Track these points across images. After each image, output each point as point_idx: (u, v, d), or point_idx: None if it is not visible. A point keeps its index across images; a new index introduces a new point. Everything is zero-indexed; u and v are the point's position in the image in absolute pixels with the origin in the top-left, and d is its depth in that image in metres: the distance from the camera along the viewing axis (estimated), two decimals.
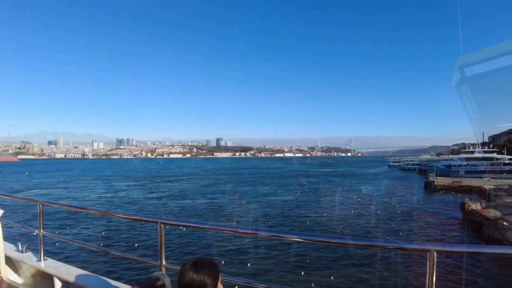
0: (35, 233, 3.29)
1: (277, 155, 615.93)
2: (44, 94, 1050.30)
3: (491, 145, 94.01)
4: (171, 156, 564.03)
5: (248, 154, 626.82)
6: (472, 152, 79.57)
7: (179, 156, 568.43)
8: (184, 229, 22.46)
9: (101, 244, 21.95)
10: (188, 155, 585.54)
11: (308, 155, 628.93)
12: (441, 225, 31.55)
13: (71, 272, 2.90)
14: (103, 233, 25.27)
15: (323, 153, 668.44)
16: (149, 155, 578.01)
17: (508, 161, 68.84)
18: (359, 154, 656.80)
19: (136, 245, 22.23)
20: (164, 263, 2.23)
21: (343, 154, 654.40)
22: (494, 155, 74.32)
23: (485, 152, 78.23)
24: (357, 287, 15.78)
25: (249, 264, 18.16)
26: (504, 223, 24.25)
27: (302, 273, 17.24)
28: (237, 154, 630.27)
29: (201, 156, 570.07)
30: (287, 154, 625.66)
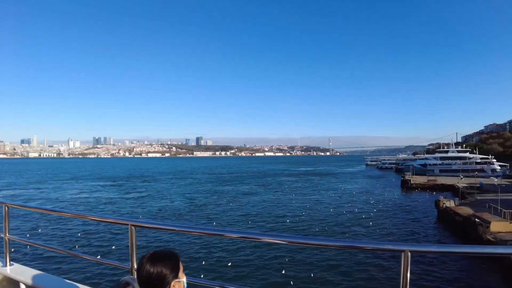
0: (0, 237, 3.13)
1: (257, 154, 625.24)
2: (17, 91, 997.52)
3: (464, 145, 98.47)
4: (150, 155, 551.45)
5: (228, 153, 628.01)
6: (447, 152, 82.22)
7: (158, 155, 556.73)
8: (158, 231, 21.74)
9: (71, 248, 20.75)
10: (167, 154, 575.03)
11: (288, 154, 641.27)
12: (417, 222, 31.76)
13: (38, 278, 2.78)
14: (74, 236, 23.87)
15: (303, 152, 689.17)
16: (127, 154, 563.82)
17: (480, 160, 71.52)
18: (338, 153, 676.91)
19: (108, 248, 20.97)
20: (135, 266, 2.12)
21: (322, 153, 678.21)
22: (467, 154, 77.12)
23: (458, 151, 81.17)
24: None
25: (227, 265, 17.30)
26: (476, 219, 24.51)
27: (276, 275, 16.34)
28: (217, 153, 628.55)
29: (181, 155, 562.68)
30: (267, 153, 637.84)
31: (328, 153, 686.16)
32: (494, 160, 70.83)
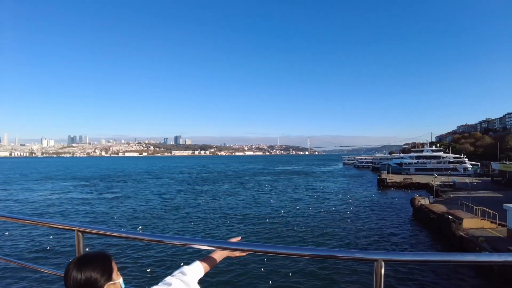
0: None
1: (237, 153, 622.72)
2: None
3: (438, 145, 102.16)
4: (127, 154, 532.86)
5: (207, 152, 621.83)
6: (422, 151, 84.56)
7: (135, 154, 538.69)
8: (110, 238, 20.08)
9: (12, 255, 18.60)
10: (144, 153, 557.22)
11: (268, 153, 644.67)
12: (393, 219, 31.79)
13: None
14: (17, 242, 21.57)
15: (282, 152, 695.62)
16: (103, 153, 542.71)
17: (453, 159, 74.10)
18: (316, 153, 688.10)
19: (49, 254, 19.04)
20: None
21: (301, 153, 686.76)
22: (441, 154, 79.65)
23: (433, 151, 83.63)
24: None
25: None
26: (449, 217, 24.54)
27: (239, 286, 15.20)
28: (197, 152, 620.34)
29: (159, 155, 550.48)
30: (247, 153, 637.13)
31: (307, 152, 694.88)
32: (466, 160, 73.58)
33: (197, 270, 1.67)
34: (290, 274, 16.16)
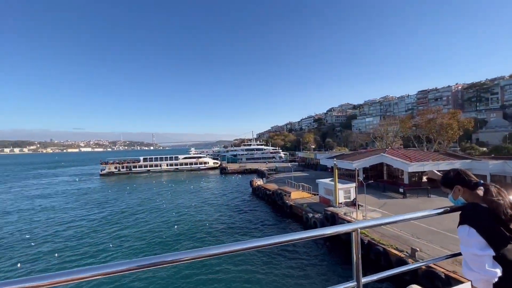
0: None
1: (70, 150, 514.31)
2: None
3: (260, 140, 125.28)
4: None
5: (26, 150, 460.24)
6: (250, 145, 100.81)
7: None
8: None
9: None
10: None
11: (109, 149, 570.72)
12: (239, 196, 36.66)
13: None
14: None
15: (126, 147, 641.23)
16: None
17: (272, 151, 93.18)
18: (161, 148, 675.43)
19: None
20: None
21: (146, 148, 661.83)
22: (263, 147, 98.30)
23: (258, 145, 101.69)
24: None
25: None
26: (281, 191, 30.15)
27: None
28: (7, 150, 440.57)
29: None
30: (83, 149, 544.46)
31: (152, 148, 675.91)
32: (280, 150, 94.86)
33: None
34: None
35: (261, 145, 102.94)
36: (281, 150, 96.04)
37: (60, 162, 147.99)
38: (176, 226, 23.83)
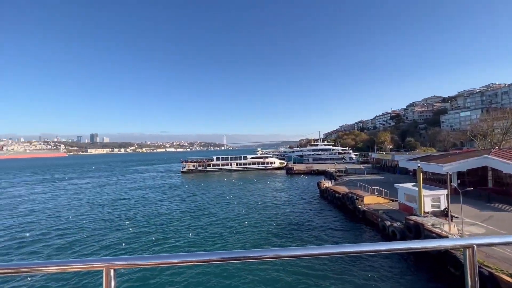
0: None
1: (159, 150, 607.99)
2: None
3: (328, 140, 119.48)
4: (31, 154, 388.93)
5: (128, 150, 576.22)
6: (316, 145, 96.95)
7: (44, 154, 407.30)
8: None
9: None
10: (55, 153, 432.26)
11: (188, 149, 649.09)
12: (305, 198, 35.27)
13: None
14: None
15: (202, 148, 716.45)
16: None
17: (341, 151, 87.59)
18: (231, 148, 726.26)
19: None
20: None
21: (218, 148, 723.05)
22: (331, 147, 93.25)
23: (325, 145, 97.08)
24: None
25: None
26: (352, 195, 27.57)
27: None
28: (116, 150, 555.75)
29: (72, 154, 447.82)
30: (169, 149, 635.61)
31: (223, 148, 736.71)
32: (351, 151, 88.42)
33: None
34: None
35: (329, 145, 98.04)
36: (351, 151, 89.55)
37: (152, 160, 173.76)
38: (246, 222, 24.78)
